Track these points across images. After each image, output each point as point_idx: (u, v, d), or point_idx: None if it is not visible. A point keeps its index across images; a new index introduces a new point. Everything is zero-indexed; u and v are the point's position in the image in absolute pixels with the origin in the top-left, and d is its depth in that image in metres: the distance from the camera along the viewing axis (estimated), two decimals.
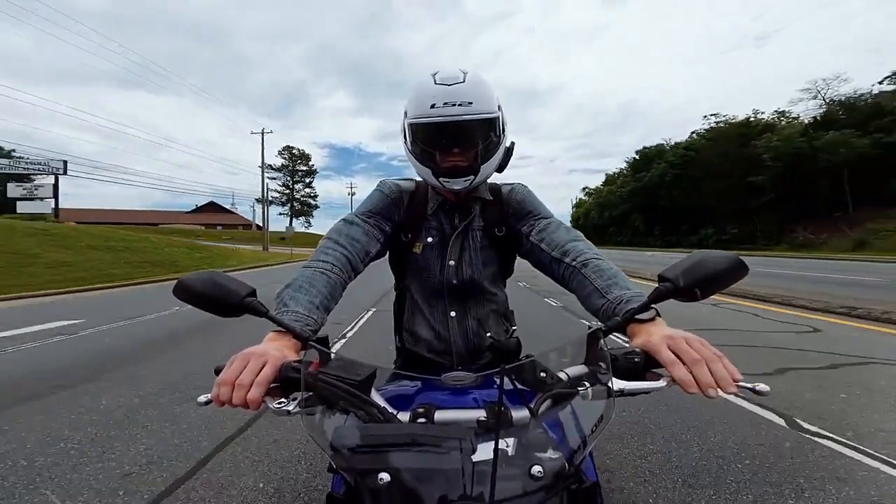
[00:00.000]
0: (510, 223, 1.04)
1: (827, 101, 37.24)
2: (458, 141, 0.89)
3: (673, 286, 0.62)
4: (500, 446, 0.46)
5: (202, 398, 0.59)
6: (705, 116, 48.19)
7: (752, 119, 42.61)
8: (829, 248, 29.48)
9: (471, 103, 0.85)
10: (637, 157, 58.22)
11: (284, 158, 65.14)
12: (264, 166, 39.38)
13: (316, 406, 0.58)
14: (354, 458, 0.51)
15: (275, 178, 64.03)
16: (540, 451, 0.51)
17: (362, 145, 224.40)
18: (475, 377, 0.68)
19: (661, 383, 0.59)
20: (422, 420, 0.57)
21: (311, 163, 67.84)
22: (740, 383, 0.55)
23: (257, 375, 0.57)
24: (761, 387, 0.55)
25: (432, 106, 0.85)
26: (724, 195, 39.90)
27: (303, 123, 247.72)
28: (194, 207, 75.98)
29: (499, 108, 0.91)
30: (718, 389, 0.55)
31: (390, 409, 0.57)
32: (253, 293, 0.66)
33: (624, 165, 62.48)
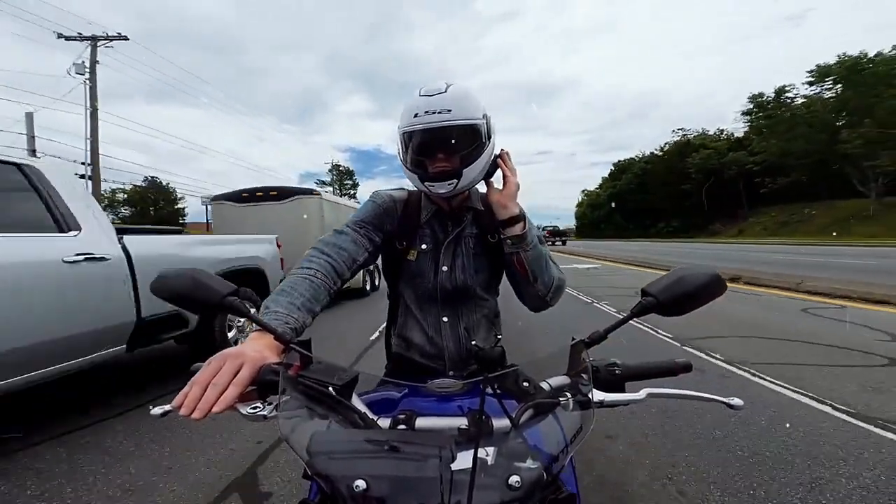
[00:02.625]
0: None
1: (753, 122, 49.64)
2: (438, 146, 0.94)
3: (655, 301, 0.63)
4: (479, 455, 0.46)
5: (157, 410, 0.56)
6: (674, 131, 60.66)
7: (695, 136, 55.31)
8: (725, 235, 42.35)
9: (450, 111, 0.90)
10: (614, 168, 71.80)
11: (333, 175, 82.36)
12: (337, 180, 55.74)
13: (295, 410, 0.56)
14: (330, 465, 0.49)
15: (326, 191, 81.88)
16: (519, 461, 0.50)
17: (382, 147, 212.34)
18: (461, 385, 0.65)
19: (641, 395, 0.61)
20: (402, 427, 0.57)
21: (353, 177, 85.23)
22: (716, 397, 0.57)
23: (234, 377, 0.56)
24: (735, 401, 0.57)
25: (415, 115, 0.92)
26: (668, 199, 53.16)
27: (323, 128, 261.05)
28: None
29: (484, 116, 0.96)
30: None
31: (371, 415, 0.57)
32: (234, 292, 0.63)
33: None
